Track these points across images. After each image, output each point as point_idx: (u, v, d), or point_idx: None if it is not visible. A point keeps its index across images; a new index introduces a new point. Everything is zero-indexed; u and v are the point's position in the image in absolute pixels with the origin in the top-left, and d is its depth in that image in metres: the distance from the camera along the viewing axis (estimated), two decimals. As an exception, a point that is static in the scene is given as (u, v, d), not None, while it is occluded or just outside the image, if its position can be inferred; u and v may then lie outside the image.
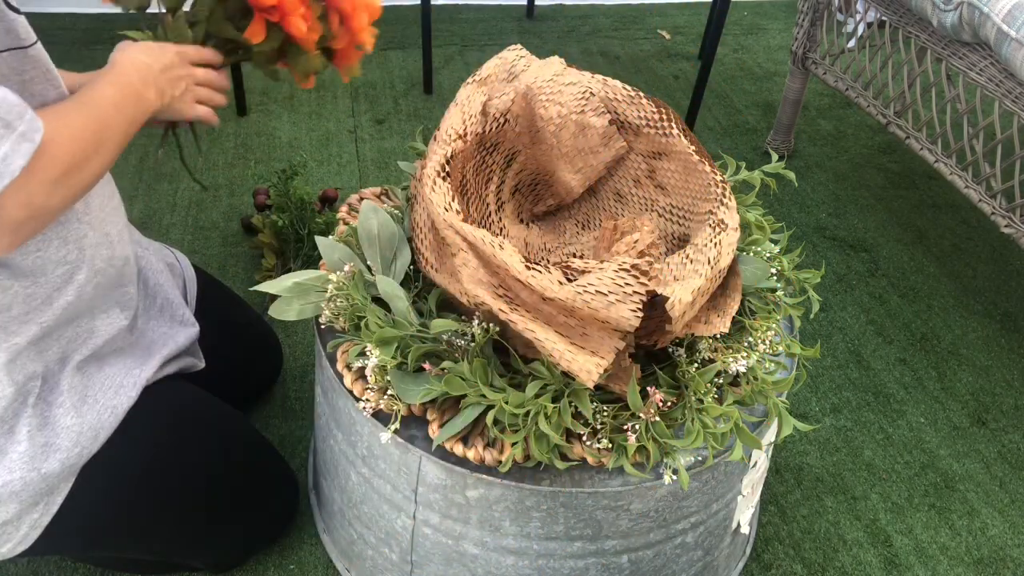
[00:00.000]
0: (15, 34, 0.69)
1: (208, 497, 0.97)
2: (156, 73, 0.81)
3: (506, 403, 0.75)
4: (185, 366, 0.99)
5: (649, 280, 0.73)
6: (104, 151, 0.73)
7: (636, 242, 0.86)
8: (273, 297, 0.87)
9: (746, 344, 0.87)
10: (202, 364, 1.03)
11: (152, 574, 1.09)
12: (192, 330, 1.00)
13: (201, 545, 1.01)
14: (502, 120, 0.90)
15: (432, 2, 2.08)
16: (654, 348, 0.83)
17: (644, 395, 0.77)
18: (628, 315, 0.71)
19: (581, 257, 0.99)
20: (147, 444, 0.89)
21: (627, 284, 0.72)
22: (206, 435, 0.98)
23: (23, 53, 0.70)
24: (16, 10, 0.69)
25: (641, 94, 0.95)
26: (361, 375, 0.84)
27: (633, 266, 0.72)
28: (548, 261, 0.99)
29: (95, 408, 0.84)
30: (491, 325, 0.78)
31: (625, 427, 0.78)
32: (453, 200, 0.79)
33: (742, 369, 0.83)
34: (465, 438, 0.80)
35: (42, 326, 0.79)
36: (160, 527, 0.94)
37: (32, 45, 0.71)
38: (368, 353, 0.80)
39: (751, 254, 0.95)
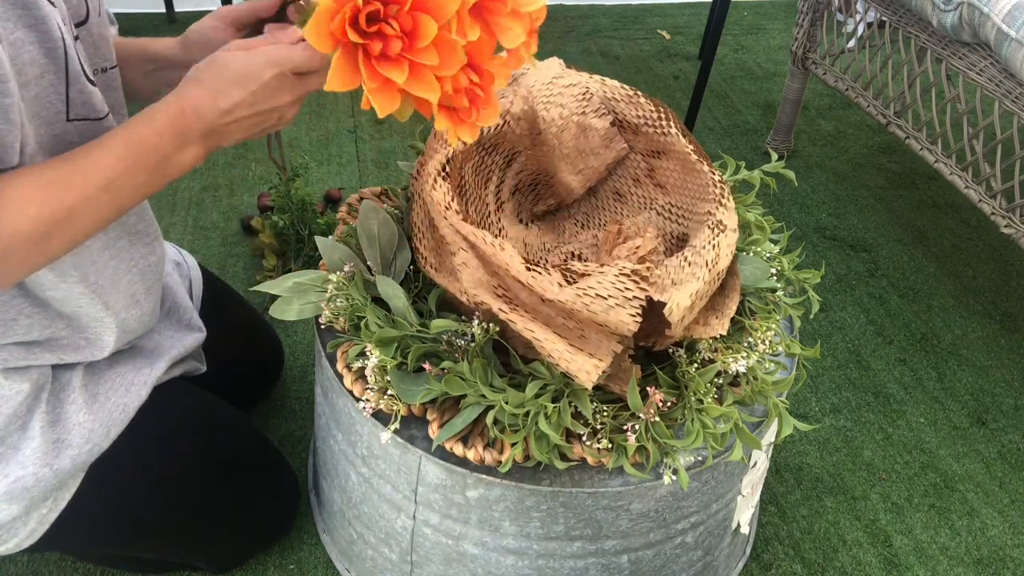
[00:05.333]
0: (91, 106, 0.71)
1: (210, 497, 0.97)
2: (227, 120, 0.69)
3: (506, 403, 0.75)
4: (188, 370, 0.99)
5: (649, 286, 0.73)
6: (79, 226, 0.65)
7: (637, 248, 0.86)
8: (273, 297, 0.87)
9: (746, 344, 0.87)
10: (203, 368, 1.03)
11: (153, 573, 1.09)
12: (199, 335, 1.00)
13: (202, 544, 1.01)
14: (501, 122, 0.90)
15: (432, 2, 2.07)
16: (653, 349, 0.83)
17: (644, 395, 0.78)
18: (627, 320, 0.71)
19: (580, 256, 0.99)
20: (151, 444, 0.89)
21: (627, 289, 0.72)
22: (210, 436, 0.98)
23: (97, 124, 0.72)
24: (93, 83, 0.71)
25: (639, 93, 0.95)
26: (361, 375, 0.84)
27: (634, 271, 0.73)
28: (547, 260, 0.99)
29: (106, 406, 0.84)
30: (491, 325, 0.78)
31: (625, 427, 0.78)
32: (453, 200, 0.79)
33: (742, 369, 0.83)
34: (465, 438, 0.80)
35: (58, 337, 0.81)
36: (162, 526, 0.94)
37: (104, 118, 0.73)
38: (368, 353, 0.81)
39: (751, 254, 0.95)
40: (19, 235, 0.61)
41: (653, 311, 0.74)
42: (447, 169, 0.82)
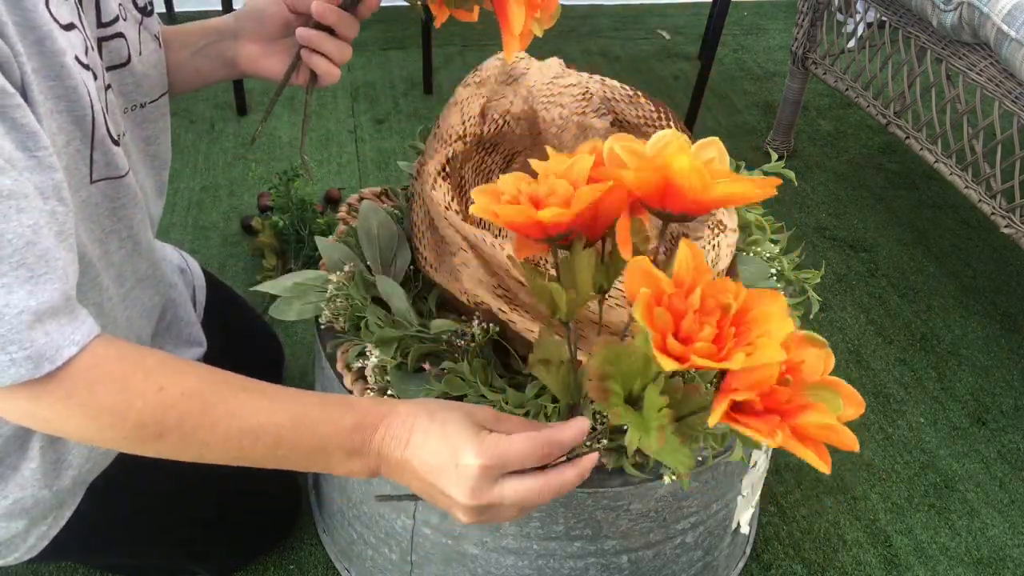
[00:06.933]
0: (114, 166, 0.71)
1: (212, 507, 0.97)
2: (401, 475, 0.62)
3: (506, 403, 0.75)
4: None
5: None
6: (194, 451, 0.65)
7: None
8: (273, 297, 0.87)
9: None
10: None
11: (153, 576, 1.09)
12: (198, 350, 0.99)
13: (203, 552, 1.01)
14: (501, 123, 0.90)
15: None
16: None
17: (644, 395, 0.77)
18: (627, 319, 0.71)
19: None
20: (151, 458, 0.89)
21: None
22: None
23: (118, 182, 0.72)
24: (116, 142, 0.71)
25: (640, 93, 0.95)
26: (361, 375, 0.84)
27: None
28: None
29: None
30: (491, 325, 0.78)
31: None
32: (453, 200, 0.79)
33: (742, 369, 0.82)
34: (465, 438, 0.80)
35: None
36: (164, 538, 0.94)
37: (125, 175, 0.73)
38: (368, 353, 0.81)
39: (751, 254, 0.95)
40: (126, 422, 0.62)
41: None
42: (447, 169, 0.82)
